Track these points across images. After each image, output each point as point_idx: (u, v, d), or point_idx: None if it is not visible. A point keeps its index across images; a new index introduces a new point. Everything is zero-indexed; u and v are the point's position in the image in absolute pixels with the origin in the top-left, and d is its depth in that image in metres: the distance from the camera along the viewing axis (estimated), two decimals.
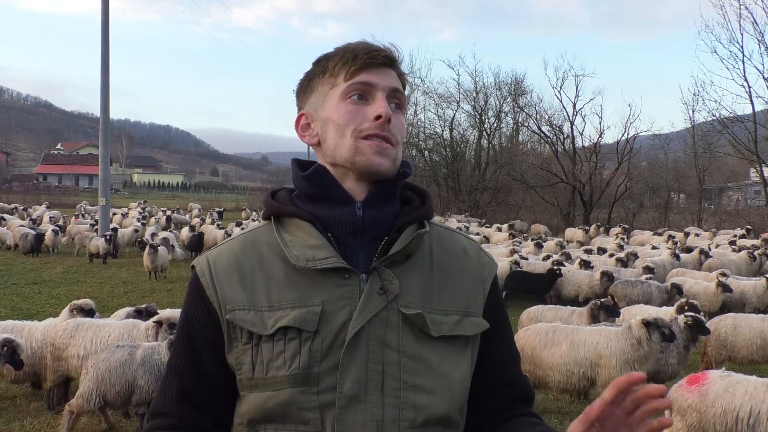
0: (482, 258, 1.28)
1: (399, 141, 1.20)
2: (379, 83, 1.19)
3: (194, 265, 1.22)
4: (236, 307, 1.14)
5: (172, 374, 1.20)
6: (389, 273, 1.13)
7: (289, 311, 1.11)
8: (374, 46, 1.21)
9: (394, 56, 1.22)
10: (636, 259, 13.29)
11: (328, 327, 1.10)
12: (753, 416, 3.98)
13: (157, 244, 13.79)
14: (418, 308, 1.13)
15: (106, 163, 19.89)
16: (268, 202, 1.23)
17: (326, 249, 1.13)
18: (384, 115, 1.16)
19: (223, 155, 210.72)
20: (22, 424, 5.28)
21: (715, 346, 6.86)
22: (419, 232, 1.17)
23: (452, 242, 1.26)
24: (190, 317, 1.20)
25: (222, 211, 29.95)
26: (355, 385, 1.08)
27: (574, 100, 31.55)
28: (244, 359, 1.12)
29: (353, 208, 1.17)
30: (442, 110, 35.42)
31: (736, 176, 35.12)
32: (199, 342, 1.18)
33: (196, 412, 1.17)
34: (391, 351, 1.10)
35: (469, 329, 1.18)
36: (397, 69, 1.23)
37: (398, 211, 1.21)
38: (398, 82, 1.22)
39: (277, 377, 1.09)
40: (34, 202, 33.12)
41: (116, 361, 4.81)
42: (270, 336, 1.10)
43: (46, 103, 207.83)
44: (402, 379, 1.10)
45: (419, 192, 1.29)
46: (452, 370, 1.14)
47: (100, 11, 19.50)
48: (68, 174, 74.31)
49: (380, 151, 1.16)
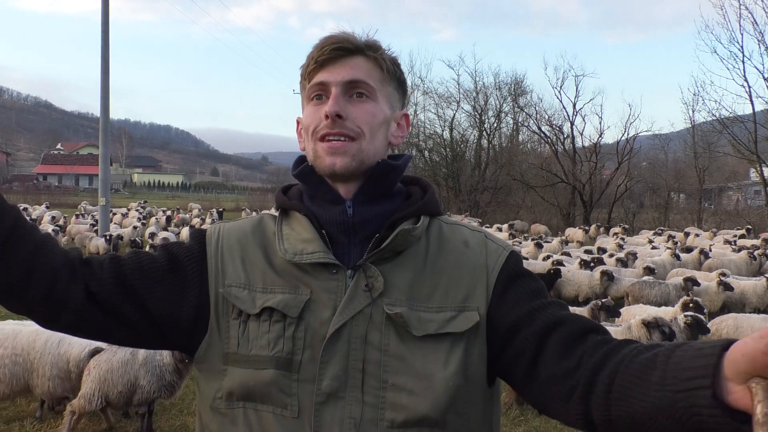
0: (488, 246, 1.21)
1: (362, 132, 1.15)
2: (330, 80, 1.15)
3: (208, 230, 1.23)
4: (233, 283, 1.15)
5: (134, 257, 1.18)
6: (374, 270, 1.12)
7: (279, 294, 1.12)
8: (328, 40, 1.16)
9: (350, 44, 1.16)
10: (635, 259, 13.32)
11: (313, 318, 1.10)
12: None
13: (158, 244, 13.80)
14: (403, 306, 1.11)
15: (106, 163, 19.88)
16: (279, 196, 1.26)
17: (315, 243, 1.14)
18: (329, 113, 1.12)
19: (223, 155, 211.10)
20: (22, 424, 5.28)
21: None
22: (405, 228, 1.14)
23: (453, 236, 1.21)
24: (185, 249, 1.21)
25: (222, 211, 29.98)
26: (334, 382, 1.07)
27: (574, 100, 31.60)
28: (232, 333, 1.13)
29: (343, 207, 1.16)
30: (442, 110, 35.39)
31: (736, 176, 35.13)
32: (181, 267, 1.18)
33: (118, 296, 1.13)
34: (372, 349, 1.09)
35: (461, 326, 1.12)
36: (364, 54, 1.17)
37: (395, 208, 1.19)
38: (359, 71, 1.16)
39: (260, 356, 1.09)
40: (34, 202, 33.09)
41: (118, 362, 4.82)
42: (257, 315, 1.11)
43: (46, 103, 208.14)
44: (382, 378, 1.08)
45: (424, 187, 1.26)
46: (438, 370, 1.09)
47: (100, 11, 19.52)
48: (68, 174, 74.38)
49: (332, 151, 1.14)
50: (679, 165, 34.88)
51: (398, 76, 1.23)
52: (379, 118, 1.18)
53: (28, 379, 4.99)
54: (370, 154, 1.16)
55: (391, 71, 1.21)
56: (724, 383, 0.79)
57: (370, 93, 1.17)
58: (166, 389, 4.80)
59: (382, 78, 1.20)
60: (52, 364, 4.95)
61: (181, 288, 1.17)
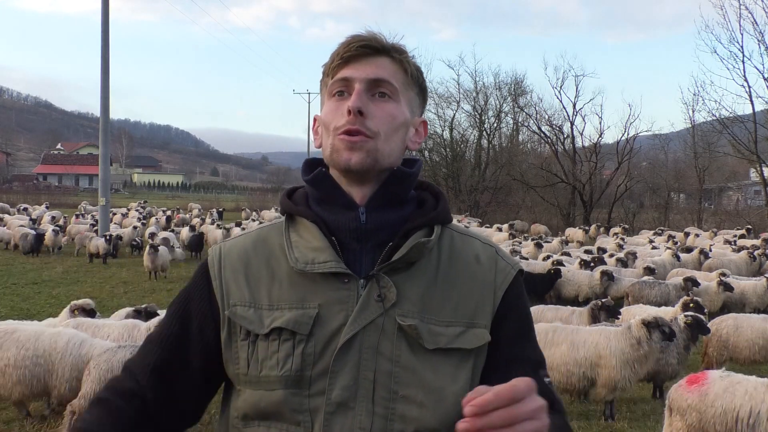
0: (498, 264, 1.20)
1: (380, 132, 1.14)
2: (355, 76, 1.15)
3: (209, 253, 1.24)
4: (238, 302, 1.15)
5: (157, 342, 1.19)
6: (387, 280, 1.11)
7: (286, 312, 1.11)
8: (355, 38, 1.17)
9: (377, 43, 1.16)
10: (635, 259, 13.32)
11: (323, 331, 1.09)
12: (753, 416, 3.98)
13: (158, 244, 13.79)
14: (415, 318, 1.10)
15: (106, 163, 19.90)
16: (283, 201, 1.24)
17: (327, 252, 1.12)
18: (351, 108, 1.11)
19: (223, 155, 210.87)
20: (22, 424, 5.28)
21: (716, 346, 6.83)
22: (420, 241, 1.12)
23: (465, 248, 1.20)
24: (193, 294, 1.20)
25: (222, 211, 29.97)
26: (344, 392, 1.06)
27: (574, 100, 31.58)
28: (241, 354, 1.12)
29: (356, 213, 1.15)
30: (442, 110, 35.37)
31: (736, 176, 35.11)
32: (194, 319, 1.17)
33: (165, 387, 1.16)
34: (384, 360, 1.08)
35: (471, 342, 1.13)
36: (389, 55, 1.17)
37: (408, 216, 1.18)
38: (384, 70, 1.16)
39: (270, 377, 1.09)
40: (34, 202, 33.10)
41: (118, 362, 4.81)
42: (265, 335, 1.10)
43: (46, 103, 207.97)
44: (392, 389, 1.07)
45: (435, 194, 1.24)
46: (447, 384, 1.09)
47: (100, 11, 19.51)
48: (68, 174, 74.32)
49: (350, 146, 1.12)
50: (679, 165, 34.86)
51: (421, 83, 1.23)
52: (398, 119, 1.17)
53: (48, 380, 4.99)
54: (385, 154, 1.15)
55: (415, 76, 1.21)
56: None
57: (392, 93, 1.17)
58: None
59: (406, 81, 1.19)
60: (73, 366, 4.94)
61: (200, 331, 1.17)
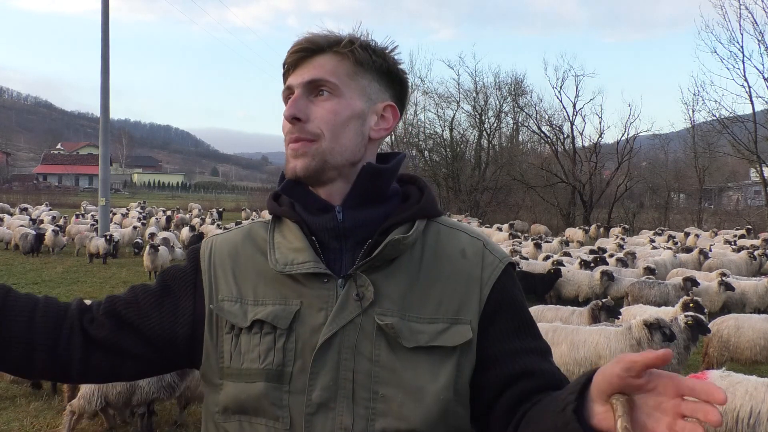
0: (486, 258, 1.18)
1: (323, 132, 1.12)
2: (293, 83, 1.14)
3: (202, 245, 1.24)
4: (225, 297, 1.15)
5: (130, 292, 1.20)
6: (365, 279, 1.10)
7: (269, 306, 1.12)
8: (294, 44, 1.16)
9: (312, 44, 1.13)
10: (634, 259, 13.32)
11: (303, 328, 1.09)
12: (753, 416, 3.98)
13: (158, 244, 13.78)
14: (395, 316, 1.09)
15: (106, 163, 19.89)
16: (269, 202, 1.24)
17: (306, 253, 1.12)
18: (285, 116, 1.12)
19: (223, 155, 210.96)
20: (22, 424, 5.28)
21: (717, 347, 6.82)
22: (396, 238, 1.10)
23: (450, 243, 1.18)
24: (179, 270, 1.22)
25: (222, 211, 29.98)
26: (324, 392, 1.06)
27: (574, 100, 31.53)
28: (225, 347, 1.13)
29: (333, 213, 1.15)
30: (442, 110, 35.38)
31: (736, 176, 35.15)
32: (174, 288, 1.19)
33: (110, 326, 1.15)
34: (363, 359, 1.08)
35: (453, 339, 1.10)
36: (331, 51, 1.13)
37: (390, 211, 1.17)
38: (320, 70, 1.12)
39: (251, 369, 1.09)
40: (34, 202, 33.11)
41: None
42: (248, 328, 1.11)
43: (46, 103, 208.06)
44: (372, 389, 1.07)
45: (421, 188, 1.23)
46: (428, 382, 1.08)
47: (100, 11, 19.51)
48: (68, 174, 74.35)
49: (293, 154, 1.13)
50: (679, 165, 34.88)
51: (378, 66, 1.16)
52: (343, 114, 1.13)
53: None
54: (336, 152, 1.13)
55: (367, 62, 1.15)
56: (590, 404, 0.90)
57: (333, 90, 1.13)
58: (166, 390, 4.78)
59: (353, 71, 1.14)
60: None
61: (174, 308, 1.18)
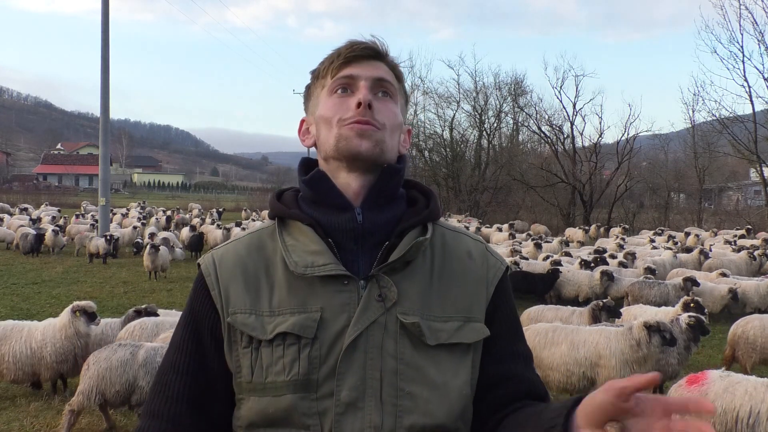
0: (488, 260, 1.26)
1: (386, 126, 1.19)
2: (360, 74, 1.20)
3: (200, 264, 1.23)
4: (238, 310, 1.14)
5: (173, 371, 1.16)
6: (387, 280, 1.13)
7: (289, 317, 1.11)
8: (357, 41, 1.23)
9: (378, 48, 1.23)
10: (634, 259, 13.32)
11: (327, 333, 1.10)
12: (753, 416, 3.98)
13: (158, 244, 13.78)
14: (416, 315, 1.12)
15: (106, 163, 19.88)
16: (273, 203, 1.24)
17: (325, 255, 1.13)
18: (362, 100, 1.16)
19: (223, 155, 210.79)
20: (22, 424, 5.28)
21: (744, 348, 6.75)
22: (418, 240, 1.15)
23: (456, 245, 1.24)
24: (197, 312, 1.19)
25: (222, 211, 29.96)
26: (352, 392, 1.08)
27: (574, 100, 31.53)
28: (243, 362, 1.12)
29: (353, 213, 1.16)
30: (442, 110, 35.40)
31: (736, 176, 35.14)
32: (206, 338, 1.16)
33: (198, 415, 1.15)
34: (388, 358, 1.10)
35: (470, 336, 1.16)
36: (385, 61, 1.24)
37: (401, 214, 1.20)
38: (385, 72, 1.23)
39: (277, 382, 1.09)
40: (34, 202, 33.10)
41: (117, 360, 4.81)
42: (269, 341, 1.10)
43: (46, 103, 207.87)
44: (399, 386, 1.09)
45: (425, 192, 1.27)
46: (450, 379, 1.13)
47: (100, 11, 19.50)
48: (68, 174, 74.30)
49: (360, 133, 1.16)
50: (679, 165, 34.87)
51: (405, 92, 1.31)
52: (398, 119, 1.23)
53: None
54: (388, 148, 1.20)
55: (404, 87, 1.28)
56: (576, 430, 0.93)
57: (392, 94, 1.23)
58: None
59: (399, 88, 1.26)
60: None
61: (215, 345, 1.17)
